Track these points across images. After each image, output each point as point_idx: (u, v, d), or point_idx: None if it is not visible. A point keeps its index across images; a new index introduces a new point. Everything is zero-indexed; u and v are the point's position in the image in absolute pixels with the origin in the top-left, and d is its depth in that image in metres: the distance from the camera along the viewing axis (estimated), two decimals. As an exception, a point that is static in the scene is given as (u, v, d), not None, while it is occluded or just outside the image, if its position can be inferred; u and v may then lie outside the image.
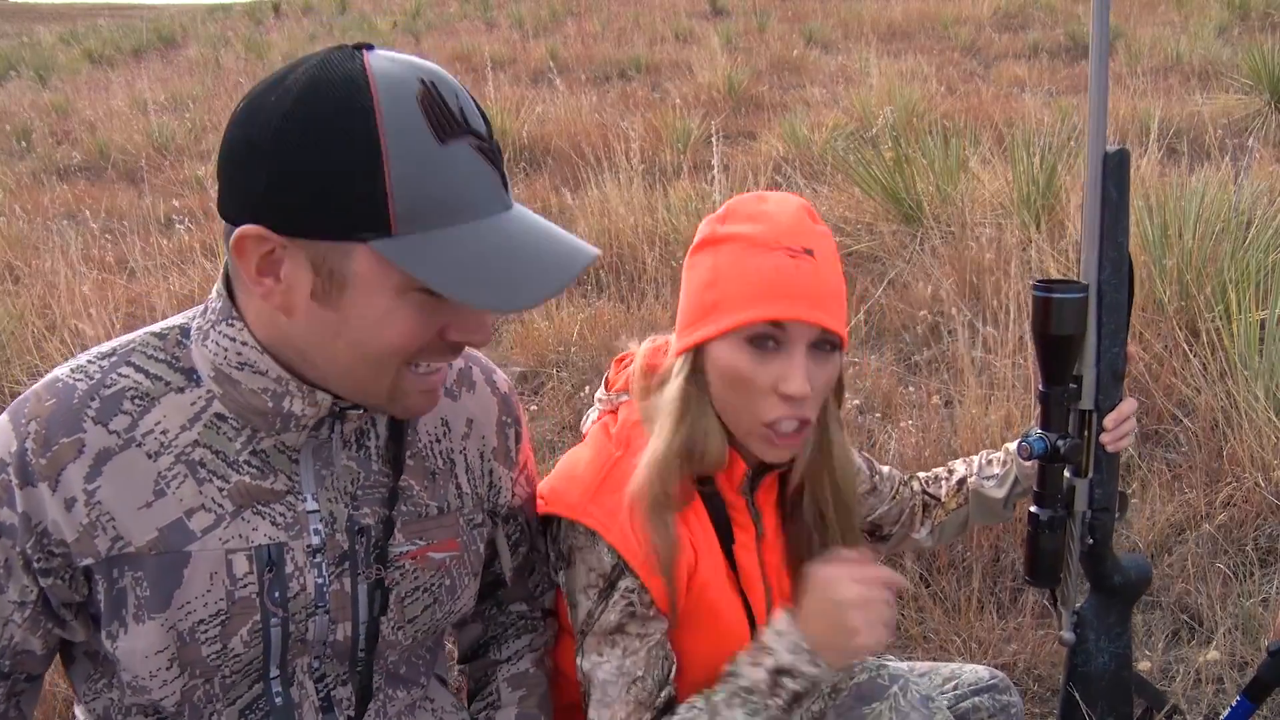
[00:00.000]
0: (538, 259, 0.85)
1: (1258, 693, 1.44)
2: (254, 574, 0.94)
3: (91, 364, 0.93)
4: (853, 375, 3.11)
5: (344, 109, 0.79)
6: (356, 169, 0.79)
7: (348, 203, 0.80)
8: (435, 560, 1.05)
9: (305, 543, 0.96)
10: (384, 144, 0.79)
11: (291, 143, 0.80)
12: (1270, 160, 4.78)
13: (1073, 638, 1.39)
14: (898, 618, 2.16)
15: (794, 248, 1.08)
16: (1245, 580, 2.15)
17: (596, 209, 4.72)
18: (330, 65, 0.82)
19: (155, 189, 6.79)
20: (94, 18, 23.94)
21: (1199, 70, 7.69)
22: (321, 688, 1.03)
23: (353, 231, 0.81)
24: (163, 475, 0.91)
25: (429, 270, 0.81)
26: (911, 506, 1.47)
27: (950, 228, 4.01)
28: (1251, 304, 2.75)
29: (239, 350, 0.91)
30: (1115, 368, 1.30)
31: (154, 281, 4.09)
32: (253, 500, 0.94)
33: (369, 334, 0.86)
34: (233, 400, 0.92)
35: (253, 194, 0.82)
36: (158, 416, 0.92)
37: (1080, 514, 1.34)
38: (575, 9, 15.33)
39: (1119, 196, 1.27)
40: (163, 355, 0.94)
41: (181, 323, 0.97)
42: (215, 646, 0.94)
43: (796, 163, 5.66)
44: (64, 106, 10.31)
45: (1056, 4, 12.06)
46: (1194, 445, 2.58)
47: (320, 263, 0.83)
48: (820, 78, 9.32)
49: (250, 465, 0.94)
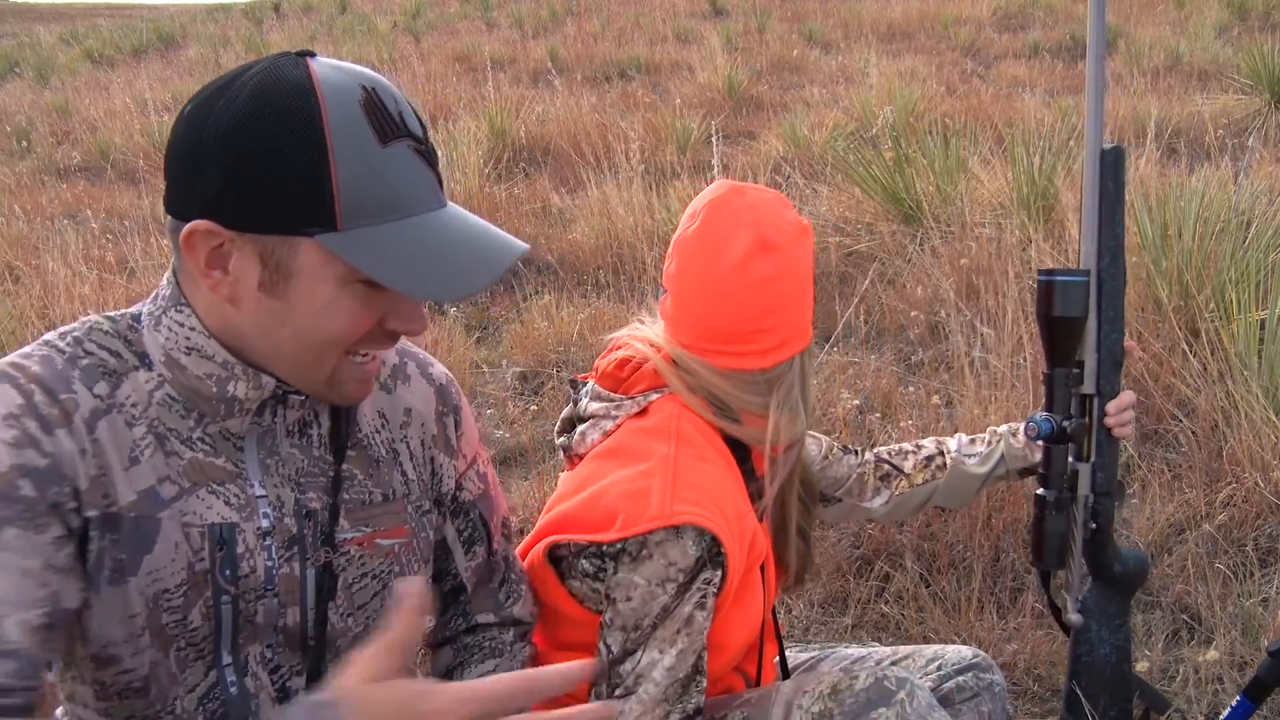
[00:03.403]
0: (472, 253, 0.92)
1: (1258, 693, 1.44)
2: (206, 550, 0.97)
3: (57, 341, 0.95)
4: (852, 375, 3.12)
5: (292, 113, 0.85)
6: (305, 168, 0.85)
7: (296, 200, 0.86)
8: (383, 547, 1.08)
9: (255, 525, 0.99)
10: (330, 145, 0.86)
11: (242, 145, 0.85)
12: (1270, 160, 4.78)
13: (1079, 619, 1.43)
14: (898, 617, 2.17)
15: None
16: (1245, 580, 2.15)
17: (596, 209, 4.72)
18: (277, 72, 0.87)
19: (155, 189, 6.78)
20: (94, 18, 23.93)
21: (1199, 70, 7.69)
22: (276, 678, 1.04)
23: (301, 226, 0.87)
24: (137, 443, 0.94)
25: (371, 262, 0.87)
26: (860, 473, 1.51)
27: (950, 228, 4.01)
28: (1251, 304, 2.75)
29: (187, 335, 0.95)
30: (1115, 354, 1.36)
31: (154, 281, 4.09)
32: (207, 479, 0.97)
33: (313, 322, 0.92)
34: (180, 384, 0.96)
35: (203, 193, 0.87)
36: (127, 390, 0.95)
37: (1083, 498, 1.38)
38: (575, 9, 15.33)
39: (1116, 190, 1.34)
40: (115, 337, 0.97)
41: (134, 310, 1.00)
42: (176, 615, 0.96)
43: (796, 163, 5.65)
44: (64, 106, 10.31)
45: (1056, 4, 12.06)
46: (1194, 445, 2.58)
47: (268, 256, 0.89)
48: (820, 78, 9.32)
49: (203, 443, 0.98)
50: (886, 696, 1.12)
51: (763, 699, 1.20)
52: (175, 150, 0.90)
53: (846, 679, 1.15)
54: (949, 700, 1.34)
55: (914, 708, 1.12)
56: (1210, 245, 3.10)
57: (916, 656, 1.40)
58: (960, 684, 1.35)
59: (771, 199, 1.21)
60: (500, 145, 6.57)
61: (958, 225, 3.94)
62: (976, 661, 1.38)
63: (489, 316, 4.15)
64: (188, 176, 0.88)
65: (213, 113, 0.87)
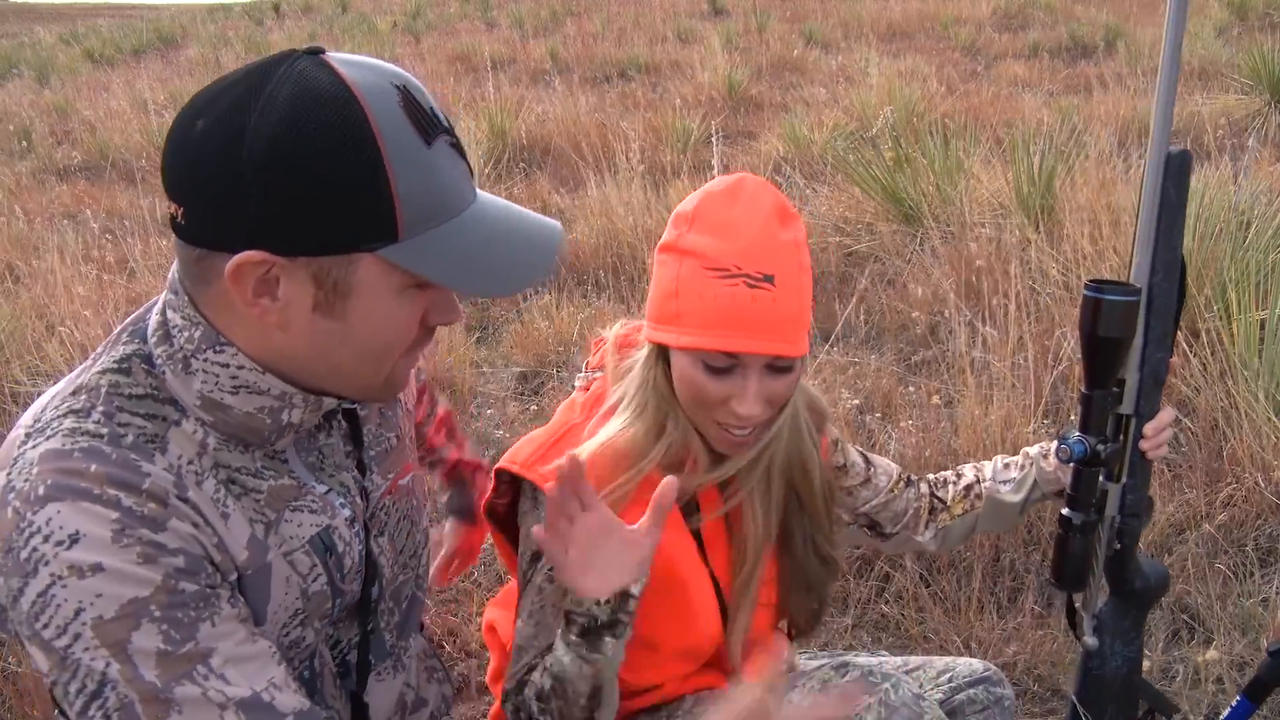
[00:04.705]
0: (521, 241, 0.89)
1: (1258, 693, 1.44)
2: (319, 565, 0.97)
3: (85, 424, 0.86)
4: (852, 375, 3.12)
5: (340, 125, 0.79)
6: (363, 182, 0.80)
7: (356, 216, 0.80)
8: (403, 486, 1.11)
9: (341, 516, 1.00)
10: (385, 154, 0.80)
11: (291, 165, 0.78)
12: (1270, 160, 4.78)
13: (1095, 643, 1.39)
14: (897, 617, 2.17)
15: (754, 275, 1.08)
16: (1245, 580, 2.15)
17: (596, 209, 4.72)
18: (307, 80, 0.80)
19: (155, 189, 6.78)
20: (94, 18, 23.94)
21: (1199, 70, 7.68)
22: (336, 653, 1.05)
23: (360, 243, 0.82)
24: (215, 498, 0.89)
25: (436, 269, 0.84)
26: (916, 508, 1.46)
27: (950, 228, 4.01)
28: (1251, 304, 2.75)
29: (234, 375, 0.88)
30: (1158, 373, 1.28)
31: (154, 282, 4.09)
32: (284, 501, 0.95)
33: (373, 337, 0.87)
34: (223, 424, 0.90)
35: (247, 220, 0.80)
36: (177, 451, 0.88)
37: (1110, 518, 1.33)
38: (575, 9, 15.33)
39: (1178, 199, 1.23)
40: (141, 391, 0.89)
41: (132, 350, 0.91)
42: (295, 639, 0.97)
43: (796, 163, 5.65)
44: (64, 106, 10.30)
45: (1056, 4, 12.06)
46: (1194, 445, 2.58)
47: (324, 277, 0.83)
48: (820, 78, 9.32)
49: (268, 470, 0.94)
50: (870, 687, 1.15)
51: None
52: (199, 177, 0.81)
53: (837, 675, 1.17)
54: (959, 713, 1.34)
55: (899, 697, 1.13)
56: (1210, 245, 3.10)
57: (927, 668, 1.39)
58: (971, 696, 1.35)
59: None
60: (500, 145, 6.56)
61: (957, 225, 3.93)
62: (987, 675, 1.37)
63: (489, 316, 4.15)
64: (223, 205, 0.80)
65: (244, 132, 0.79)
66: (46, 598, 0.79)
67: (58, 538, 0.80)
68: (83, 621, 0.79)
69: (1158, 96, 1.21)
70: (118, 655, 0.80)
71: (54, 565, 0.79)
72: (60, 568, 0.79)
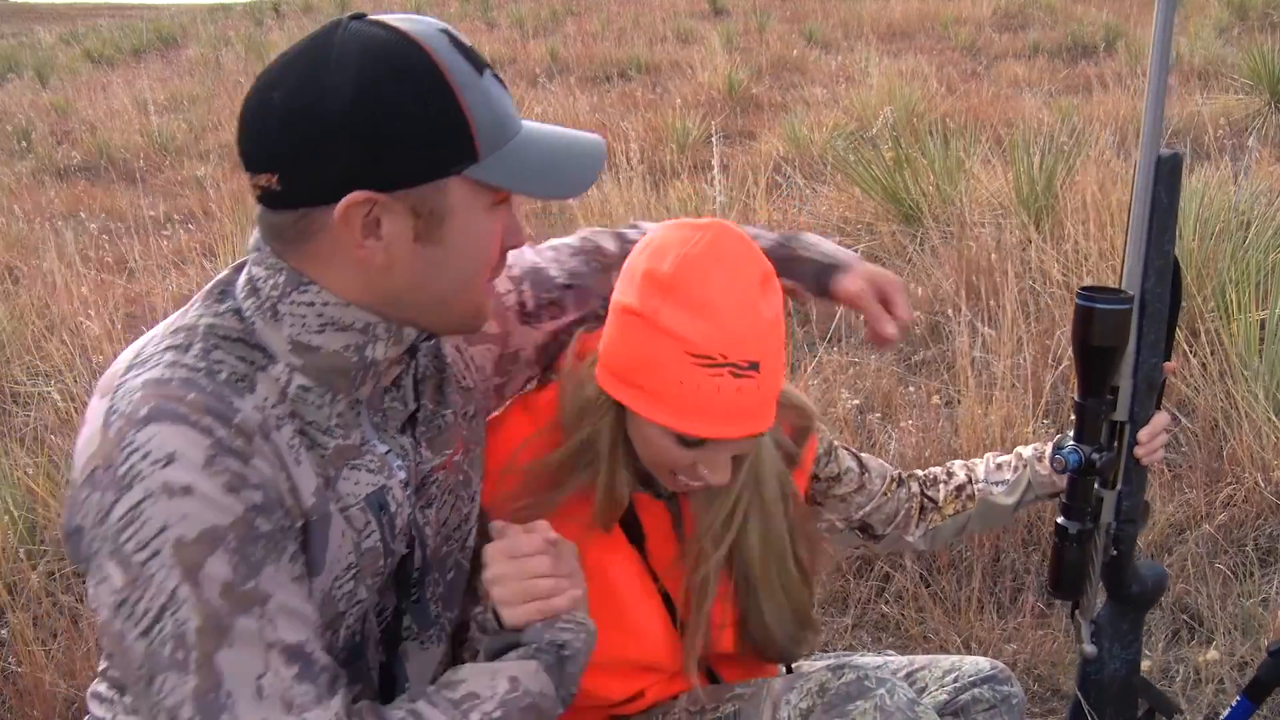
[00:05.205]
0: (576, 151, 0.99)
1: (1258, 693, 1.44)
2: (373, 522, 1.00)
3: (184, 358, 0.91)
4: (852, 375, 3.12)
5: (411, 65, 0.88)
6: (442, 112, 0.88)
7: (441, 143, 0.89)
8: (457, 463, 1.13)
9: (397, 479, 1.03)
10: (453, 84, 0.89)
11: (378, 108, 0.86)
12: (1270, 160, 4.77)
13: (1094, 650, 1.38)
14: (897, 617, 2.17)
15: (740, 365, 1.03)
16: (1245, 580, 2.15)
17: (596, 209, 4.72)
18: (365, 36, 0.88)
19: (155, 189, 6.79)
20: (94, 18, 23.93)
21: (1199, 70, 7.68)
22: (380, 620, 1.08)
23: (449, 167, 0.90)
24: (291, 445, 0.93)
25: (514, 181, 0.93)
26: (907, 509, 1.45)
27: (950, 228, 4.01)
28: (1251, 304, 2.75)
29: (319, 313, 0.93)
30: (1152, 379, 1.27)
31: (153, 282, 4.09)
32: (346, 459, 0.98)
33: (471, 256, 0.95)
34: (312, 368, 0.95)
35: (345, 168, 0.87)
36: (263, 394, 0.93)
37: (1106, 525, 1.32)
38: (575, 9, 15.32)
39: (1169, 202, 1.22)
40: (235, 335, 0.94)
41: (225, 305, 0.96)
42: (346, 594, 0.99)
43: (796, 163, 5.65)
44: (64, 106, 10.31)
45: (1056, 4, 12.05)
46: (1194, 445, 2.58)
47: (421, 206, 0.90)
48: (820, 78, 9.32)
49: (338, 428, 0.98)
50: (865, 692, 1.13)
51: (755, 693, 1.21)
52: (294, 138, 0.87)
53: (834, 677, 1.16)
54: (965, 712, 1.33)
55: (894, 702, 1.12)
56: (1210, 245, 3.10)
57: (933, 667, 1.38)
58: (977, 695, 1.33)
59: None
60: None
61: (958, 225, 3.93)
62: (994, 674, 1.36)
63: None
64: (321, 158, 0.87)
65: (326, 90, 0.86)
66: (136, 511, 0.84)
67: (155, 456, 0.85)
68: (164, 539, 0.84)
69: (1147, 99, 1.20)
70: (189, 577, 0.84)
71: (148, 481, 0.84)
72: (154, 484, 0.84)
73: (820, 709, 1.14)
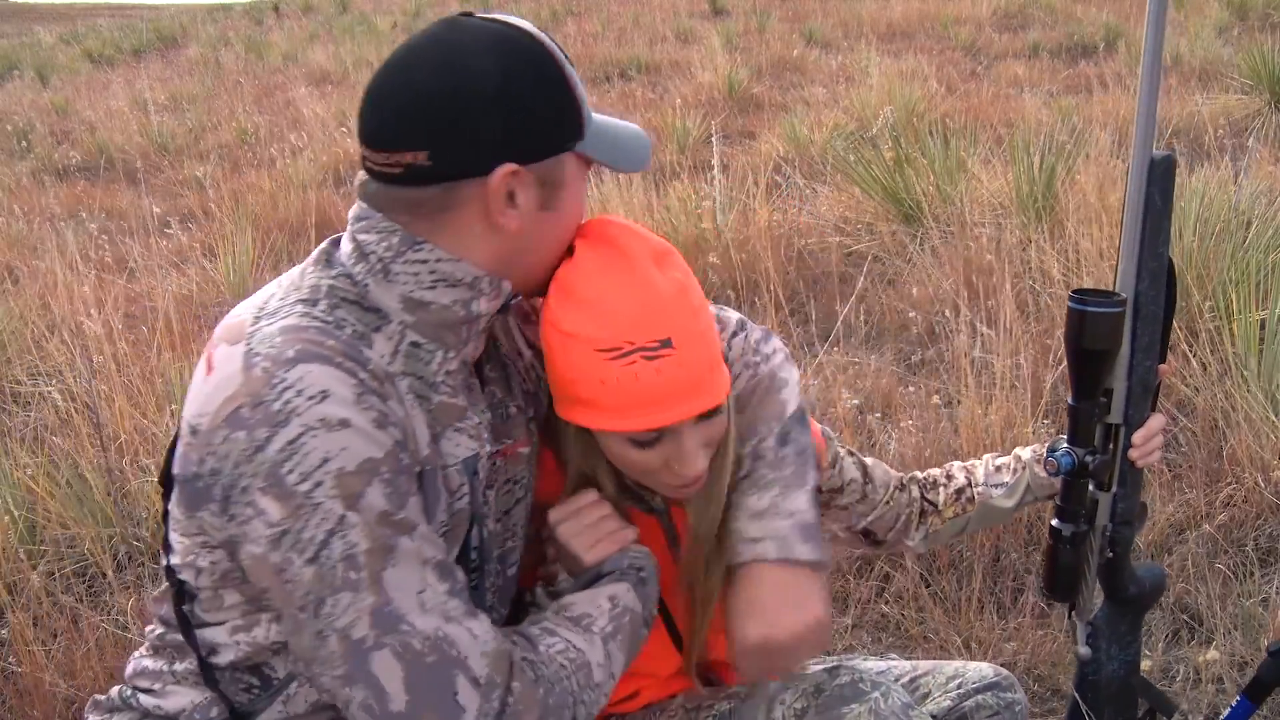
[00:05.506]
0: (632, 132, 1.10)
1: (1258, 693, 1.44)
2: (466, 484, 1.03)
3: (313, 311, 0.96)
4: (852, 375, 3.12)
5: (536, 53, 0.99)
6: (563, 92, 1.00)
7: (564, 121, 1.01)
8: (520, 454, 1.16)
9: (486, 450, 1.07)
10: (565, 71, 1.00)
11: (517, 89, 0.96)
12: (1270, 160, 4.77)
13: (1089, 652, 1.38)
14: (898, 617, 2.17)
15: (649, 346, 1.01)
16: (1245, 580, 2.15)
17: (596, 209, 4.72)
18: (491, 28, 0.99)
19: (154, 189, 6.78)
20: (94, 18, 23.92)
21: (1199, 70, 7.68)
22: None
23: (567, 142, 1.01)
24: (404, 398, 0.97)
25: (608, 155, 1.05)
26: (908, 514, 1.45)
27: (950, 228, 4.01)
28: (1251, 304, 2.75)
29: (432, 269, 0.98)
30: (1146, 381, 1.26)
31: (153, 281, 4.09)
32: (450, 420, 1.02)
33: (574, 220, 1.06)
34: (424, 324, 1.00)
35: (493, 140, 0.96)
36: (380, 349, 0.97)
37: (1101, 527, 1.31)
38: (575, 9, 15.33)
39: (1163, 204, 1.21)
40: (352, 297, 0.99)
41: (338, 272, 1.00)
42: None
43: (796, 163, 5.65)
44: (64, 106, 10.32)
45: (1056, 4, 12.04)
46: (1194, 445, 2.58)
47: (546, 176, 1.00)
48: (820, 78, 9.32)
49: (446, 385, 1.02)
50: (860, 695, 1.12)
51: (751, 693, 1.21)
52: (445, 115, 0.94)
53: (830, 679, 1.16)
54: (969, 719, 1.33)
55: (888, 706, 1.12)
56: (1210, 245, 3.10)
57: (937, 673, 1.38)
58: (980, 702, 1.33)
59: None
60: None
61: (958, 225, 3.93)
62: (998, 680, 1.36)
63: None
64: (473, 132, 0.95)
65: (473, 75, 0.95)
66: (296, 445, 0.88)
67: (309, 393, 0.89)
68: (326, 470, 0.88)
69: (1140, 101, 1.20)
70: (352, 506, 0.89)
71: (306, 416, 0.88)
72: (312, 419, 0.88)
73: (814, 710, 1.13)
